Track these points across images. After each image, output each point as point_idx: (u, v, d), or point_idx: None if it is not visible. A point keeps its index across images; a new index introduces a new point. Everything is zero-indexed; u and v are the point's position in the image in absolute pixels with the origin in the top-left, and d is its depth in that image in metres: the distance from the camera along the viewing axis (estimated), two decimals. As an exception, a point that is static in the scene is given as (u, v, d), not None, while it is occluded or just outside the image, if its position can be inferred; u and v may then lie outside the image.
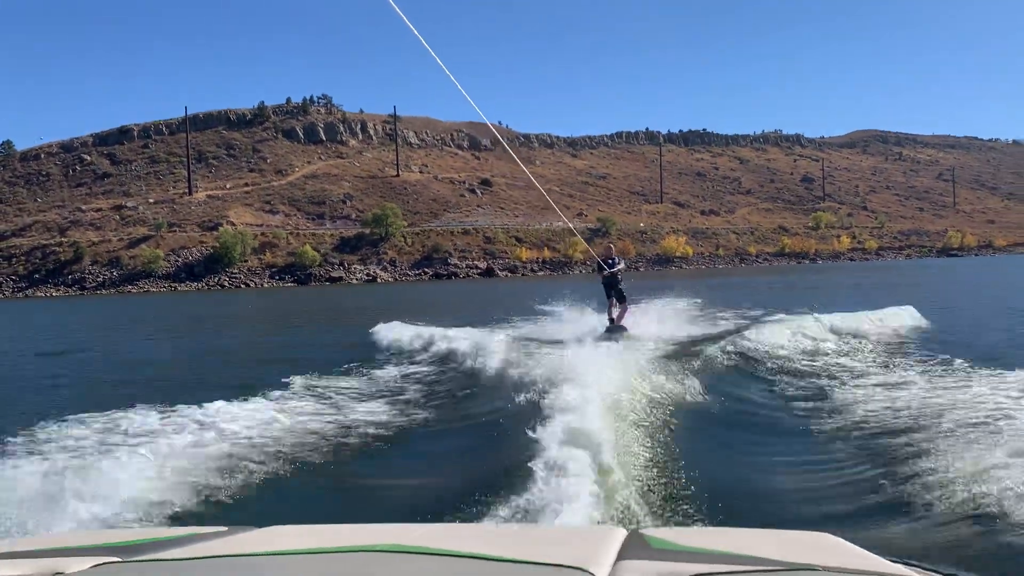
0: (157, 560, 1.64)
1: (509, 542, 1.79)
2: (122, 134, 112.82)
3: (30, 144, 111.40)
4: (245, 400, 9.88)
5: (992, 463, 5.57)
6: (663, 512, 5.46)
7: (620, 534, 1.76)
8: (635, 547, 1.65)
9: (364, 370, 13.53)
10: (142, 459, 6.94)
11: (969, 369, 10.65)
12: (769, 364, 12.64)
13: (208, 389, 10.82)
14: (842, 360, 13.14)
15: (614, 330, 14.63)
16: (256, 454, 7.44)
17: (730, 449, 7.78)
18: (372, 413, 9.76)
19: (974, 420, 7.26)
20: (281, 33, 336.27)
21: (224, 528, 2.04)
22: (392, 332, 19.28)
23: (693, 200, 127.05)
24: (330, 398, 10.76)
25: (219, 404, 9.36)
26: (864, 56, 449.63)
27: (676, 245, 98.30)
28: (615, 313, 15.23)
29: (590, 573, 1.41)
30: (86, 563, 1.57)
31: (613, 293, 15.37)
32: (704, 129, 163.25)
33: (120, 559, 1.62)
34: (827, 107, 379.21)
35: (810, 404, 9.38)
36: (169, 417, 8.76)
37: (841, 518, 5.30)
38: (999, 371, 9.98)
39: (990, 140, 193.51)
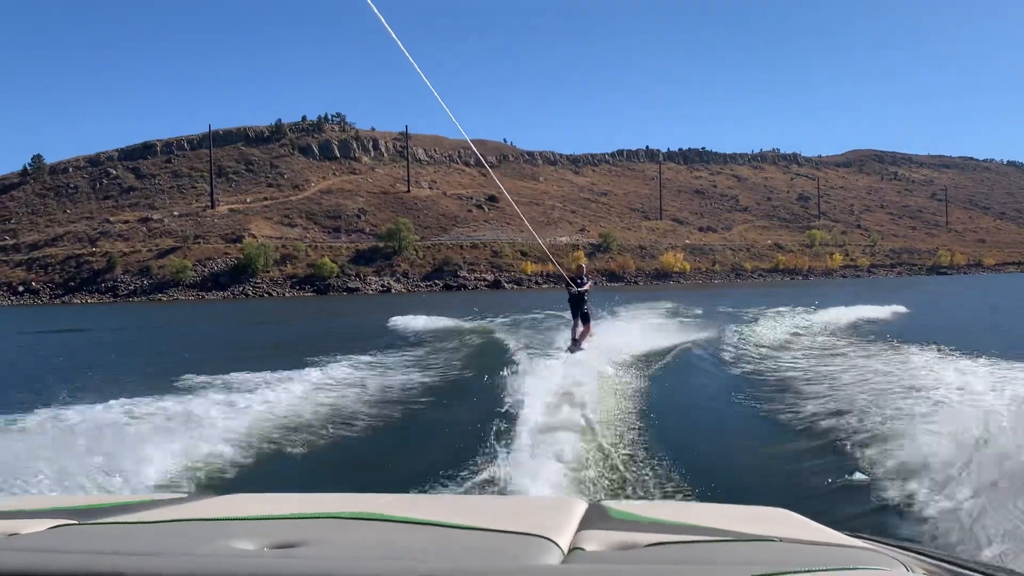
0: (114, 523, 1.63)
1: (471, 511, 1.83)
2: (146, 149, 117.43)
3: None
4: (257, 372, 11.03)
5: (934, 441, 5.89)
6: (626, 487, 5.74)
7: (582, 506, 1.80)
8: (596, 518, 1.69)
9: (368, 351, 15.36)
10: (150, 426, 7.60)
11: (913, 351, 11.87)
12: (731, 355, 13.76)
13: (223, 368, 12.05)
14: (795, 347, 14.53)
15: (575, 350, 14.58)
16: (242, 427, 7.83)
17: (692, 431, 8.35)
18: (362, 388, 10.71)
19: (917, 398, 7.83)
20: (297, 53, 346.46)
21: (184, 495, 2.20)
22: (407, 322, 22.87)
23: (691, 217, 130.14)
24: (332, 377, 11.81)
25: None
26: (862, 76, 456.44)
27: (674, 261, 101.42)
28: (578, 333, 15.12)
29: (551, 540, 1.42)
30: (42, 525, 1.55)
31: (579, 313, 15.16)
32: (703, 147, 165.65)
33: (77, 522, 1.61)
34: (824, 126, 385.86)
35: (767, 389, 10.14)
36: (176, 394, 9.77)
37: (798, 494, 5.60)
38: (945, 352, 11.22)
39: (985, 160, 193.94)
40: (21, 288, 79.52)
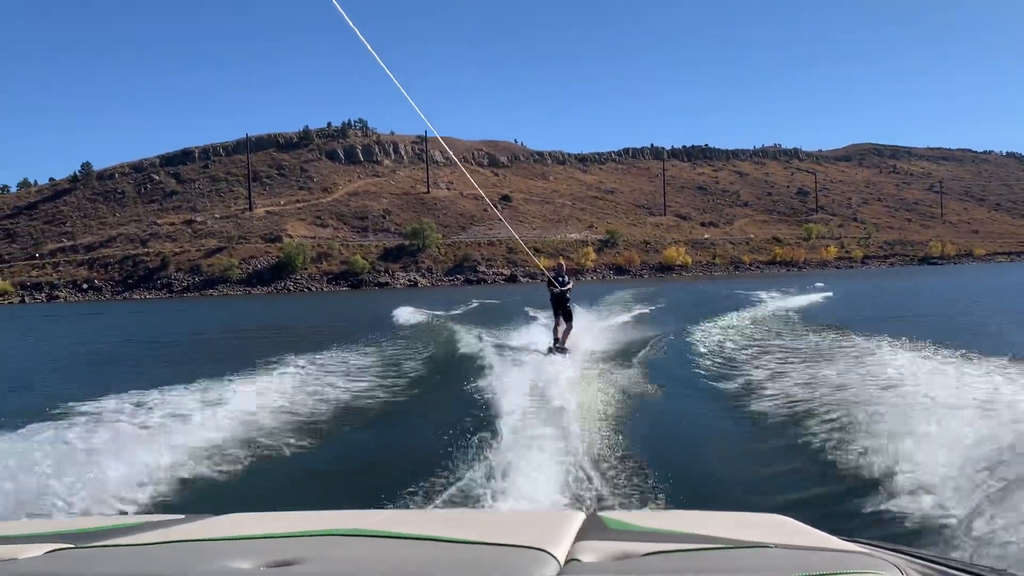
0: (111, 546, 1.63)
1: (467, 525, 1.82)
2: (185, 155, 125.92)
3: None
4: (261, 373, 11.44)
5: (928, 445, 5.89)
6: (622, 497, 5.69)
7: (579, 517, 1.79)
8: (593, 529, 1.69)
9: (362, 346, 15.80)
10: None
11: (891, 341, 12.09)
12: (718, 355, 13.54)
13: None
14: (780, 346, 14.33)
15: (558, 350, 14.45)
16: (233, 439, 7.69)
17: (687, 437, 8.16)
18: (344, 392, 10.66)
19: (903, 398, 7.75)
20: (321, 62, 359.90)
21: (181, 516, 2.11)
22: (405, 314, 24.41)
23: (694, 212, 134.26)
24: (321, 375, 12.02)
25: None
26: (863, 70, 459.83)
27: (676, 255, 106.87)
28: (560, 332, 15.01)
29: (549, 553, 1.41)
30: (40, 550, 1.55)
31: (561, 311, 15.12)
32: (706, 144, 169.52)
33: (74, 546, 1.61)
34: (825, 121, 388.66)
35: (759, 392, 9.74)
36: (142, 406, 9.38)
37: (798, 501, 5.56)
38: (933, 347, 11.34)
39: (984, 152, 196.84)
40: (85, 285, 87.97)
